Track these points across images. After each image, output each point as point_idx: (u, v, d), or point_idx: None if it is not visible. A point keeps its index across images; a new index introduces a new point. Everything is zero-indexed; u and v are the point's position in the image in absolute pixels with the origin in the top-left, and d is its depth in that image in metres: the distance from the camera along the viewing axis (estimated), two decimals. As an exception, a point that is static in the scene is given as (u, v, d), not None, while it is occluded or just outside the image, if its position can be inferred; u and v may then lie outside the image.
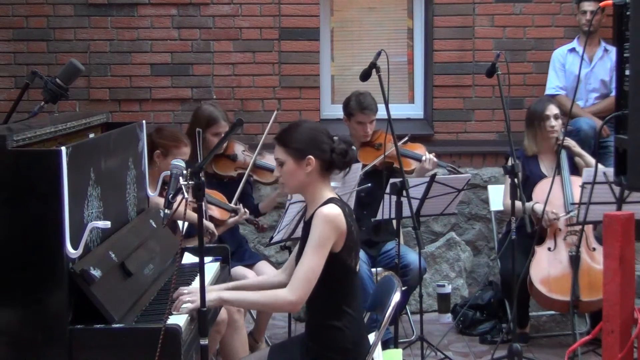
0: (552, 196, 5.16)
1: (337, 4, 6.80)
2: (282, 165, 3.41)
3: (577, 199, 5.11)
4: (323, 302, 3.40)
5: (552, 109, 5.40)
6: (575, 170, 5.44)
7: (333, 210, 3.32)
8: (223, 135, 4.48)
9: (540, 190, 5.27)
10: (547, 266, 5.17)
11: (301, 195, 3.61)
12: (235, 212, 4.88)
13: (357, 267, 3.46)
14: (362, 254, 5.13)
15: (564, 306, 5.14)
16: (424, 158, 5.24)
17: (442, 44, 6.48)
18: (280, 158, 3.42)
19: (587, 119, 5.97)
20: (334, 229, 3.29)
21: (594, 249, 5.22)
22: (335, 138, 3.44)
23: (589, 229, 5.25)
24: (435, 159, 5.25)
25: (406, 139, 5.43)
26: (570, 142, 5.47)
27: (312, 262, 3.28)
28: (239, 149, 5.19)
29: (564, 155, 5.39)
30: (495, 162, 6.49)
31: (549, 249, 5.22)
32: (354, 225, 3.39)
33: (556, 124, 5.39)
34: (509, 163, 4.93)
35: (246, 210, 4.90)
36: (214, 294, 3.36)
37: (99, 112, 4.10)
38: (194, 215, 4.47)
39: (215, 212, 4.83)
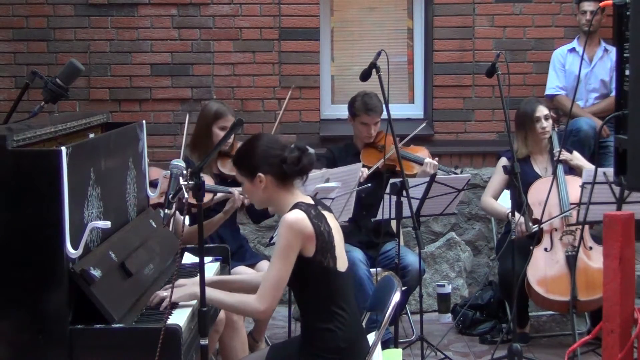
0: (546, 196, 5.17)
1: (337, 4, 6.80)
2: (242, 185, 3.50)
3: (573, 199, 5.12)
4: (310, 306, 3.42)
5: (542, 110, 5.38)
6: (571, 169, 5.44)
7: (295, 215, 3.33)
8: (223, 134, 4.47)
9: (535, 191, 5.26)
10: (543, 267, 5.16)
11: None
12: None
13: (341, 267, 3.43)
14: (361, 254, 5.14)
15: (562, 306, 5.14)
16: (426, 161, 5.24)
17: (442, 44, 6.48)
18: (238, 178, 3.52)
19: (587, 119, 5.97)
20: (296, 234, 3.29)
21: (591, 248, 5.21)
22: (291, 146, 3.44)
23: (586, 227, 5.24)
24: (436, 163, 5.24)
25: (407, 139, 5.44)
26: (567, 156, 5.44)
27: (277, 270, 3.30)
28: None
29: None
30: (495, 162, 6.46)
31: (546, 249, 5.21)
32: (324, 226, 3.37)
33: (547, 124, 5.38)
34: (502, 162, 4.95)
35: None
36: (189, 288, 3.39)
37: (99, 112, 4.10)
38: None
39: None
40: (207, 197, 4.79)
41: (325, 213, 3.45)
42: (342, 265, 3.44)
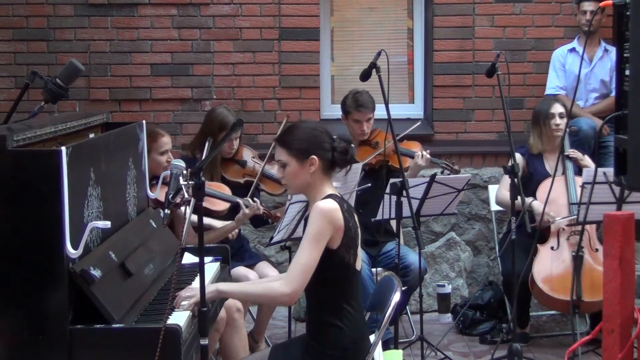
0: (556, 196, 5.18)
1: (337, 4, 6.80)
2: (285, 167, 3.41)
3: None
4: (322, 299, 3.41)
5: (557, 108, 5.44)
6: (580, 171, 5.45)
7: (329, 204, 3.32)
8: (223, 135, 4.47)
9: (544, 189, 5.28)
10: (549, 265, 5.17)
11: (303, 195, 3.61)
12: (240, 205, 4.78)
13: (358, 266, 3.46)
14: (362, 253, 5.13)
15: (565, 306, 5.14)
16: (417, 153, 5.25)
17: (442, 44, 6.48)
18: (282, 160, 3.42)
19: (587, 119, 5.97)
20: (329, 222, 3.28)
21: (597, 250, 5.21)
22: (335, 137, 3.46)
23: (592, 229, 5.26)
24: (428, 156, 5.25)
25: (400, 136, 5.44)
26: (578, 155, 5.46)
27: (307, 255, 3.27)
28: (248, 154, 5.12)
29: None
30: (495, 162, 6.49)
31: (552, 248, 5.23)
32: (352, 222, 3.38)
33: (561, 122, 5.43)
34: (517, 157, 4.94)
35: (256, 203, 4.75)
36: (211, 286, 3.40)
37: (99, 112, 4.10)
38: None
39: (216, 204, 4.76)
40: (223, 205, 4.78)
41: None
42: (359, 264, 3.46)
